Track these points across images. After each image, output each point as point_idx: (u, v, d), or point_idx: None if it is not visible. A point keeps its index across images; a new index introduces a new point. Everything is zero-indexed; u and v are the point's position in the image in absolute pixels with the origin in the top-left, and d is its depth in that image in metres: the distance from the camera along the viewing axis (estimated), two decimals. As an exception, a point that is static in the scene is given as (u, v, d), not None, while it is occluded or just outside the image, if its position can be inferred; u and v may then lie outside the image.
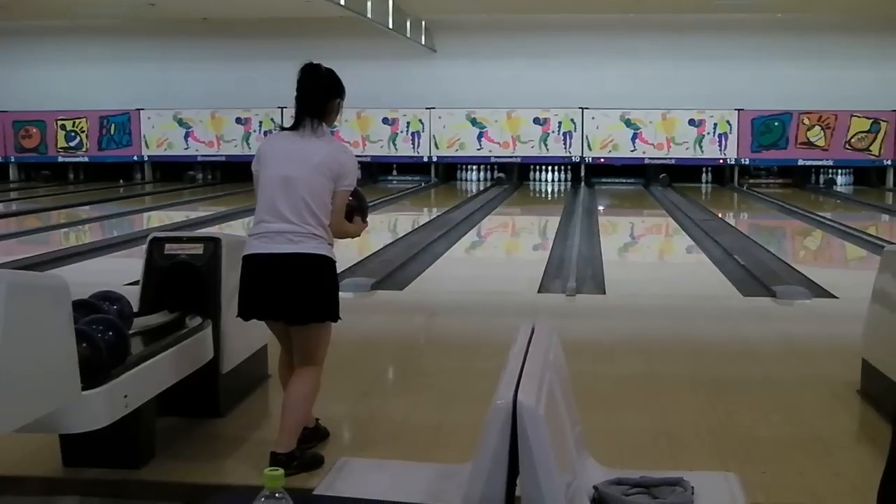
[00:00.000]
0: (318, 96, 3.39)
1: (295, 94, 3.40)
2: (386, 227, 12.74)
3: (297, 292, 3.31)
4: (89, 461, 3.44)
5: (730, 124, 18.94)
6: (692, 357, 5.29)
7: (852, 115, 18.71)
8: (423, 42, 19.35)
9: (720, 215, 13.94)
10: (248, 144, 19.91)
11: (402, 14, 17.54)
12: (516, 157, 19.42)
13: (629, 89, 19.13)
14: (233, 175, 19.89)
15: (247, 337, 4.39)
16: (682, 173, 19.02)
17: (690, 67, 19.16)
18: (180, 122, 20.06)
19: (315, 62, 3.42)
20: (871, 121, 18.70)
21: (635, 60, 19.22)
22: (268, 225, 3.35)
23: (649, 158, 19.12)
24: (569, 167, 19.63)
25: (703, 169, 19.45)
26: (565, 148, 19.31)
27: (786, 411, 4.24)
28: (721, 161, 19.04)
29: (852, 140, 18.77)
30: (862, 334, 4.47)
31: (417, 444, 3.77)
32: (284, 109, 19.55)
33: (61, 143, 20.16)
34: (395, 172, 20.29)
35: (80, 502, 3.34)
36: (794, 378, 4.85)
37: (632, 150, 19.14)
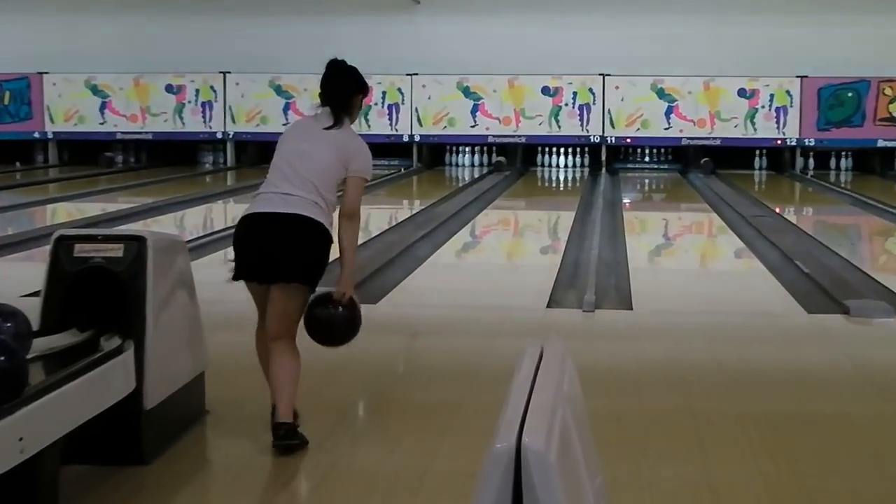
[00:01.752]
0: (343, 92, 4.49)
1: (319, 90, 4.51)
2: (362, 224, 12.76)
3: (287, 248, 4.23)
4: (-25, 521, 3.42)
5: (790, 95, 19.05)
6: (742, 390, 5.31)
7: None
8: (403, -10, 19.44)
9: (778, 210, 14.02)
10: (181, 119, 19.91)
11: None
12: (520, 136, 19.49)
13: (662, 51, 19.21)
14: (162, 157, 19.89)
15: (180, 362, 4.37)
16: (729, 157, 19.13)
17: (740, 23, 19.20)
18: (94, 90, 20.03)
19: (339, 58, 4.56)
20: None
21: (670, 15, 19.31)
22: (271, 190, 4.32)
23: (688, 138, 19.22)
24: (586, 149, 19.71)
25: (757, 152, 19.57)
26: (582, 125, 19.39)
27: (862, 459, 4.25)
28: (778, 142, 19.16)
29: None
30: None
31: (395, 503, 3.77)
32: (228, 75, 19.56)
33: (-59, 115, 20.12)
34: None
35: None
36: (873, 415, 4.87)
37: (666, 128, 19.23)
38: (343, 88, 4.51)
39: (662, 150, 19.93)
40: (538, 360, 2.40)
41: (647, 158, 19.99)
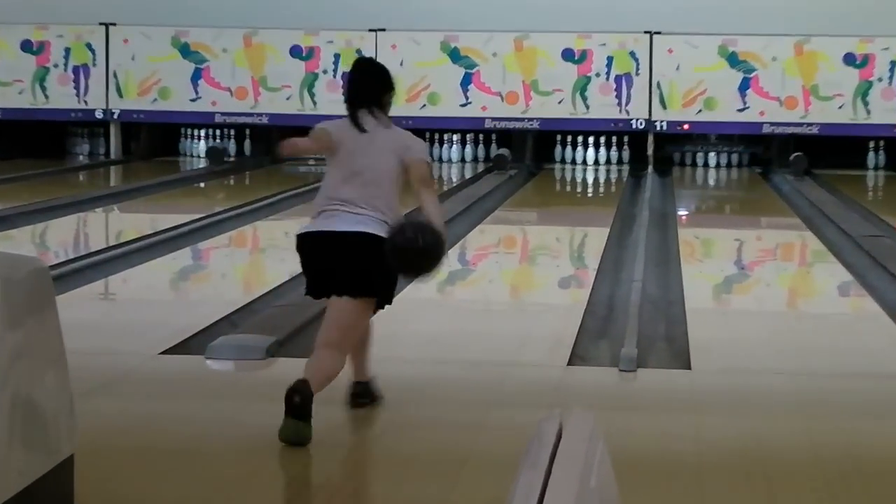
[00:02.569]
0: (376, 88, 6.17)
1: (348, 88, 6.19)
2: (294, 242, 12.71)
3: (355, 264, 5.81)
4: None
5: (920, 63, 19.11)
6: (850, 488, 5.28)
7: None
8: None
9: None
10: (43, 90, 19.84)
11: None
12: (531, 119, 19.53)
13: (734, 1, 19.28)
14: (14, 145, 19.77)
15: (36, 441, 4.34)
16: (830, 151, 19.16)
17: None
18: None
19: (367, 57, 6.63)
20: None
21: (747, -51, 19.40)
22: (333, 206, 5.91)
23: (771, 124, 19.26)
24: (625, 139, 19.74)
25: (870, 144, 19.65)
26: (619, 104, 19.42)
27: None
28: (902, 130, 19.23)
29: None
30: None
31: None
32: (112, 27, 19.52)
33: None
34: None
35: None
36: None
37: (740, 109, 19.28)
38: (376, 86, 6.18)
39: (735, 141, 19.97)
40: (555, 442, 2.37)
41: (712, 152, 20.02)
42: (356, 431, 6.24)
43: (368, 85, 6.18)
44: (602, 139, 19.76)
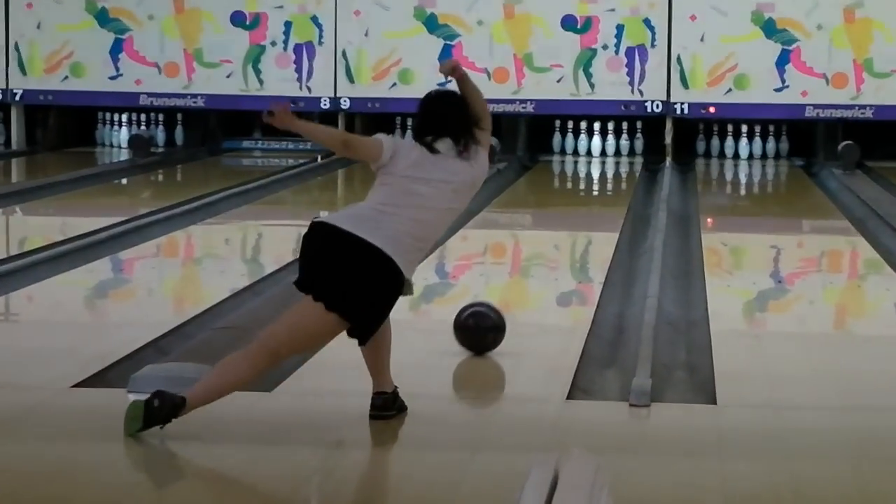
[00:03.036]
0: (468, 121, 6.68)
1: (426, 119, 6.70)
2: (237, 251, 12.68)
3: (351, 277, 6.35)
4: None
5: None
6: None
7: None
8: None
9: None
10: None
11: None
12: (524, 102, 19.59)
13: (773, -44, 19.35)
14: None
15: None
16: (887, 140, 19.22)
17: None
18: None
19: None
20: None
21: None
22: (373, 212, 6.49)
23: (816, 107, 19.34)
24: (638, 125, 19.80)
25: (937, 132, 19.71)
26: (631, 83, 19.48)
27: None
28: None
29: None
30: None
31: None
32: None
33: None
34: (257, 132, 20.30)
35: None
36: None
37: (777, 89, 19.35)
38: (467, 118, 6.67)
39: (772, 128, 20.04)
40: (549, 490, 2.40)
41: (744, 141, 20.09)
42: (322, 485, 6.26)
43: (459, 118, 6.70)
44: (610, 125, 19.86)
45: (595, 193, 18.38)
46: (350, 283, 6.35)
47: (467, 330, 8.04)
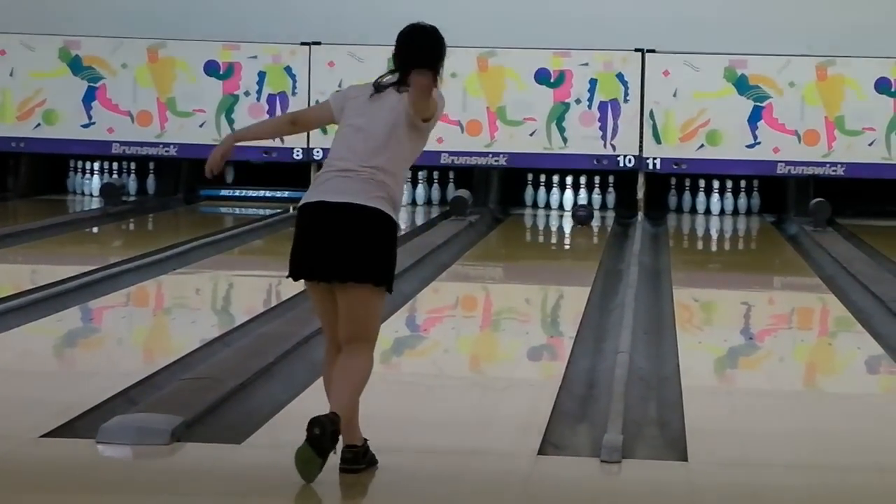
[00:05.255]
0: (432, 55, 7.20)
1: (397, 52, 7.21)
2: (208, 301, 12.63)
3: (352, 244, 6.39)
4: None
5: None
6: None
7: None
8: None
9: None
10: None
11: None
12: (497, 154, 19.62)
13: (744, 12, 19.40)
14: None
15: None
16: (859, 197, 19.28)
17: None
18: None
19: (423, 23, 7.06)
20: None
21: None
22: (334, 166, 6.61)
23: (787, 163, 19.40)
24: (611, 180, 19.83)
25: (907, 190, 19.77)
26: (604, 138, 19.53)
27: None
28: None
29: None
30: None
31: None
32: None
33: None
34: (230, 180, 20.30)
35: None
36: None
37: (749, 145, 19.42)
38: (432, 52, 7.36)
39: (743, 184, 20.09)
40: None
41: (716, 196, 20.13)
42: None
43: (423, 51, 7.31)
44: (582, 179, 19.88)
45: (566, 247, 18.39)
46: (352, 249, 6.40)
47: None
